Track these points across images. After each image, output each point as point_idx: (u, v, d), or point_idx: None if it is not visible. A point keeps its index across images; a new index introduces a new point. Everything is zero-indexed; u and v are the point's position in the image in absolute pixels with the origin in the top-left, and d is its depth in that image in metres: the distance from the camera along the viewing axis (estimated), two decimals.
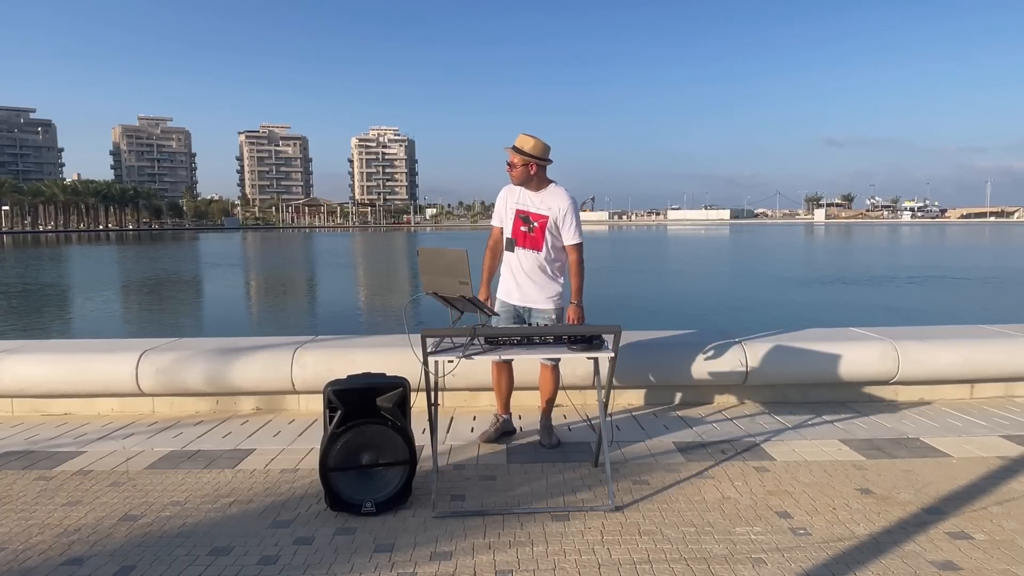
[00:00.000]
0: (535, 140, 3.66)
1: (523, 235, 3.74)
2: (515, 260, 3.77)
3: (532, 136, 3.66)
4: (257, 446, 3.90)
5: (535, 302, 3.76)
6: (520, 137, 3.67)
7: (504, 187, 3.84)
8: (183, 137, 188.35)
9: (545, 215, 3.71)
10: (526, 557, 2.57)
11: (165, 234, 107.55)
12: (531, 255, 3.73)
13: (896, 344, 4.60)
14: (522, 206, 3.75)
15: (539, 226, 3.72)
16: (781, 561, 2.52)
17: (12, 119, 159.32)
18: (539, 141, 3.66)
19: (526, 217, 3.73)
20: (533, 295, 3.75)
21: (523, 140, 3.66)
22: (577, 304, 3.74)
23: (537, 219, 3.73)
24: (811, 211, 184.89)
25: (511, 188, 3.80)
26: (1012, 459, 3.55)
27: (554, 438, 3.85)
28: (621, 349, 3.07)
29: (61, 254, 47.59)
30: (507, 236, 3.79)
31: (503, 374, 3.96)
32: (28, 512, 3.02)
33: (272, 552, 2.63)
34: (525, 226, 3.74)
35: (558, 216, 3.71)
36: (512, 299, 3.77)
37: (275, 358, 4.53)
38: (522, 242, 3.74)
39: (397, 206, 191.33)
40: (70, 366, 4.57)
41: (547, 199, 3.72)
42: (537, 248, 3.73)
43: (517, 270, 3.76)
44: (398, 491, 3.00)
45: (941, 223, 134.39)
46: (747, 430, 4.09)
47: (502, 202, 3.84)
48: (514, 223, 3.76)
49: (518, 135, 3.69)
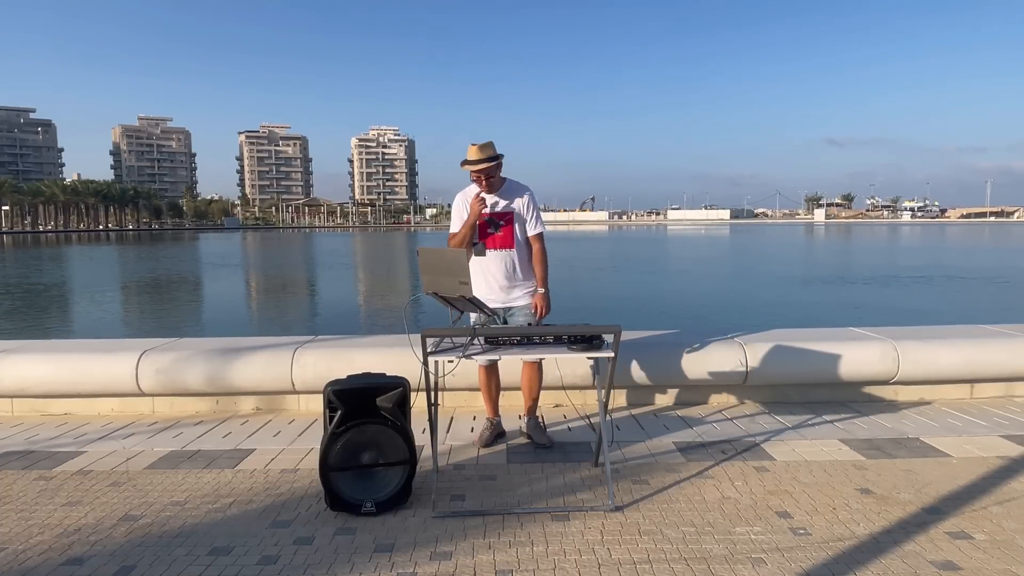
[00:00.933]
0: (490, 143, 3.66)
1: (491, 237, 3.75)
2: (489, 264, 3.75)
3: (485, 143, 3.65)
4: (257, 446, 3.90)
5: (516, 300, 3.77)
6: (481, 147, 3.62)
7: (459, 194, 3.83)
8: (183, 137, 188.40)
9: (509, 211, 3.75)
10: (526, 557, 2.57)
11: (165, 234, 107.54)
12: (505, 254, 3.74)
13: (896, 344, 4.60)
14: (483, 210, 3.73)
15: (506, 224, 3.74)
16: (781, 561, 2.52)
17: (12, 119, 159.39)
18: (491, 143, 3.67)
19: (490, 219, 3.74)
20: (514, 294, 3.77)
21: (485, 149, 3.62)
22: (543, 292, 3.77)
23: (502, 217, 3.74)
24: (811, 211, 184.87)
25: (467, 193, 3.78)
26: (1012, 459, 3.55)
27: (547, 436, 3.86)
28: (621, 349, 3.07)
29: (61, 254, 47.59)
30: (475, 242, 3.76)
31: (492, 378, 3.95)
32: (28, 512, 3.02)
33: (272, 552, 2.63)
34: (491, 228, 3.75)
35: (522, 209, 3.76)
36: (493, 304, 3.74)
37: (275, 358, 4.53)
38: (492, 244, 3.75)
39: (397, 206, 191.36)
40: (70, 366, 4.57)
41: (507, 195, 3.75)
42: (509, 246, 3.74)
43: (496, 273, 3.75)
44: (398, 491, 3.00)
45: (941, 223, 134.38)
46: (747, 430, 4.09)
47: (461, 208, 3.79)
48: (479, 228, 3.74)
49: (471, 148, 3.63)
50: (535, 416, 3.95)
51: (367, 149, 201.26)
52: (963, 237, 63.16)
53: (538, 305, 3.76)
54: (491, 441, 3.85)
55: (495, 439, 3.89)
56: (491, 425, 3.93)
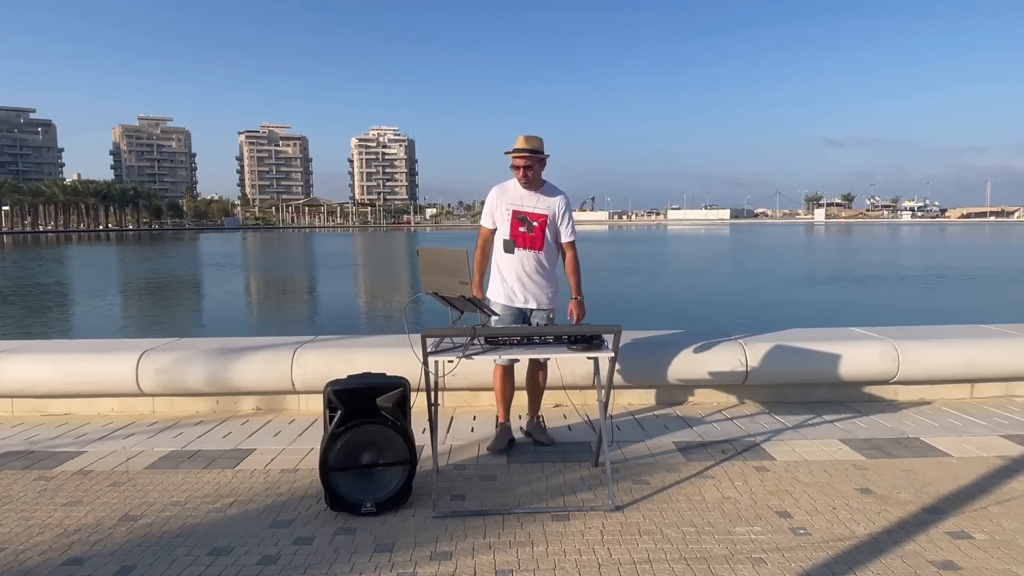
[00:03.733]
0: (538, 138, 3.66)
1: (522, 236, 3.70)
2: (516, 262, 3.71)
3: (534, 135, 3.66)
4: (257, 446, 3.90)
5: (539, 302, 3.74)
6: (528, 138, 3.64)
7: (495, 187, 3.79)
8: (183, 137, 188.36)
9: (544, 214, 3.70)
10: (526, 557, 2.57)
11: (165, 234, 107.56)
12: (532, 255, 3.71)
13: (896, 344, 4.60)
14: (518, 207, 3.70)
15: (539, 226, 3.70)
16: (781, 561, 2.52)
17: (12, 119, 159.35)
18: (540, 138, 3.67)
19: (523, 218, 3.70)
20: (538, 295, 3.73)
21: (532, 140, 3.64)
22: (578, 299, 3.77)
23: (536, 219, 3.70)
24: (811, 211, 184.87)
25: (504, 189, 3.76)
26: (1012, 459, 3.55)
27: (548, 435, 3.87)
28: (621, 349, 3.08)
29: (61, 254, 47.60)
30: (504, 238, 3.72)
31: (508, 381, 3.87)
32: (28, 512, 3.02)
33: (272, 552, 2.63)
34: (523, 227, 3.70)
35: (557, 214, 3.72)
36: (516, 302, 3.72)
37: (275, 358, 4.53)
38: (522, 243, 3.70)
39: (397, 206, 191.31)
40: (70, 366, 4.57)
41: (544, 198, 3.71)
42: (538, 248, 3.70)
43: (520, 272, 3.71)
44: (398, 491, 3.00)
45: (941, 223, 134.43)
46: (747, 430, 4.09)
47: (495, 203, 3.76)
48: (511, 224, 3.70)
49: (519, 138, 3.65)
50: (538, 416, 3.94)
51: (367, 149, 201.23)
52: (963, 237, 63.16)
53: (574, 312, 3.75)
54: (504, 446, 3.74)
55: (509, 445, 3.77)
56: (504, 430, 3.83)
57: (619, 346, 3.06)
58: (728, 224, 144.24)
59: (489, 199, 3.80)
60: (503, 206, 3.73)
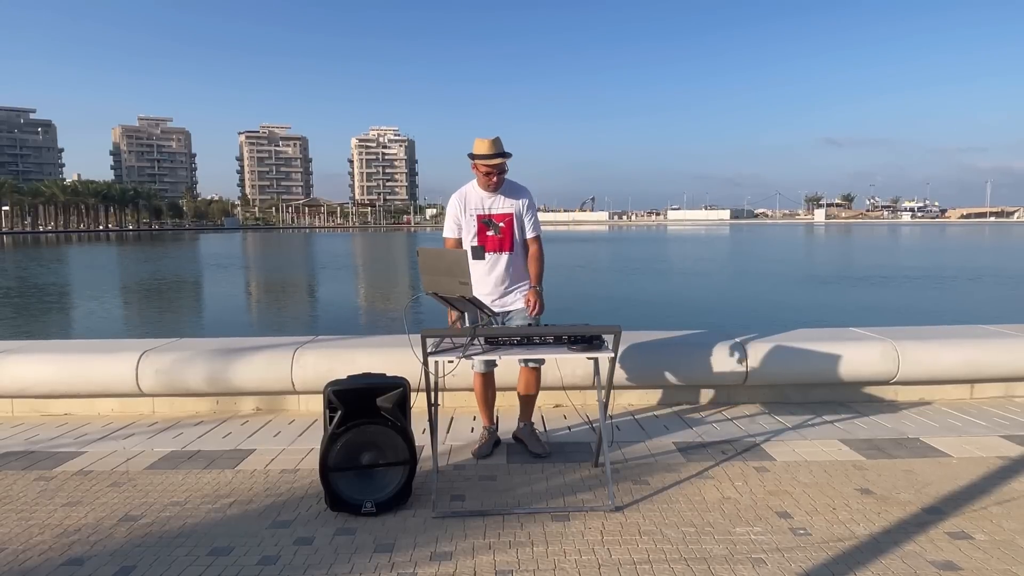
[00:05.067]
0: (499, 139, 3.51)
1: (490, 239, 3.59)
2: (486, 267, 3.61)
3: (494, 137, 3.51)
4: (257, 446, 3.90)
5: (514, 303, 3.67)
6: (490, 142, 3.48)
7: (454, 196, 3.66)
8: (183, 137, 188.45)
9: (509, 212, 3.61)
10: (526, 557, 2.57)
11: (165, 234, 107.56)
12: (503, 258, 3.61)
13: (896, 344, 4.60)
14: (482, 210, 3.60)
15: (505, 226, 3.60)
16: (781, 561, 2.52)
17: (12, 119, 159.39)
18: (498, 138, 3.52)
19: (488, 220, 3.60)
20: (511, 298, 3.66)
21: (497, 144, 3.48)
22: (536, 289, 3.62)
23: (502, 219, 3.60)
24: (811, 211, 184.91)
25: (464, 194, 3.64)
26: (1012, 459, 3.55)
27: (545, 445, 3.73)
28: (621, 349, 3.07)
29: (61, 254, 47.59)
30: (472, 245, 3.60)
31: (489, 386, 3.82)
32: (28, 512, 3.02)
33: (272, 552, 2.63)
34: (490, 230, 3.60)
35: (521, 210, 3.64)
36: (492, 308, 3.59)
37: (275, 358, 4.53)
38: (490, 247, 3.60)
39: (397, 206, 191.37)
40: (70, 366, 4.57)
41: (507, 196, 3.62)
42: (508, 249, 3.61)
43: (492, 277, 3.62)
44: (398, 491, 3.00)
45: (941, 223, 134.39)
46: (747, 430, 4.09)
47: (458, 210, 3.63)
48: (477, 230, 3.60)
49: (483, 143, 3.48)
50: (531, 423, 3.84)
51: (367, 149, 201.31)
52: (963, 237, 63.14)
53: (530, 300, 3.57)
54: (490, 451, 3.73)
55: (494, 448, 3.78)
56: (488, 434, 3.80)
57: (619, 346, 3.06)
58: (728, 224, 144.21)
59: (451, 208, 3.67)
60: (468, 212, 3.61)
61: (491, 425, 3.85)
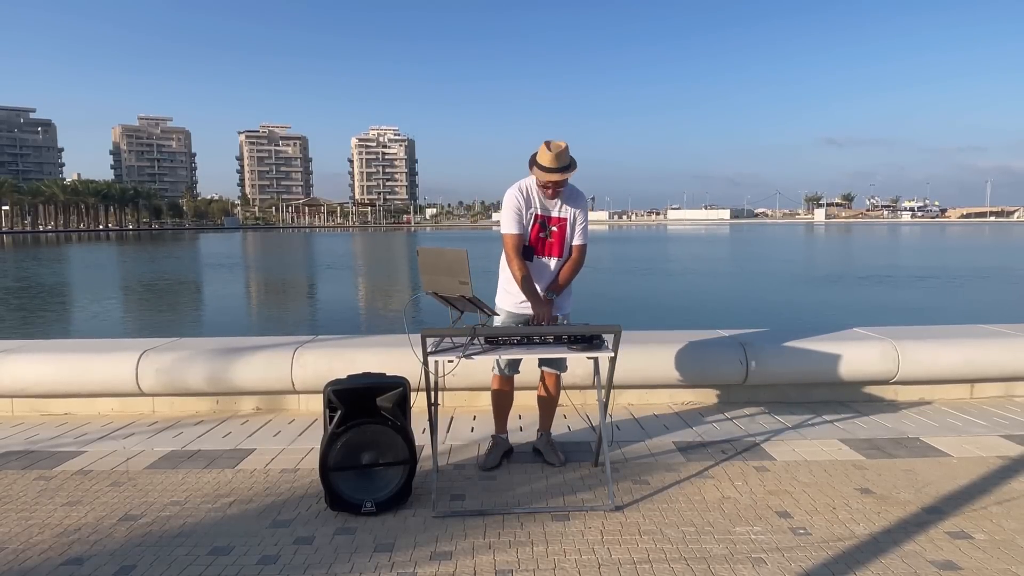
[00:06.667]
0: (566, 150, 3.28)
1: (541, 241, 3.44)
2: (535, 270, 3.43)
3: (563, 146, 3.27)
4: (257, 446, 3.90)
5: (560, 309, 3.52)
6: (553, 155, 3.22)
7: (515, 190, 3.41)
8: (183, 137, 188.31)
9: (564, 217, 3.45)
10: (526, 557, 2.57)
11: (165, 234, 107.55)
12: (553, 262, 3.48)
13: (896, 344, 4.60)
14: (542, 211, 3.43)
15: (558, 230, 3.44)
16: (781, 561, 2.52)
17: (12, 119, 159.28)
18: (567, 146, 3.30)
19: (544, 222, 3.43)
20: (558, 303, 3.51)
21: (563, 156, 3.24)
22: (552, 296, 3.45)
23: (556, 223, 3.44)
24: (811, 211, 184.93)
25: (528, 190, 3.40)
26: (1012, 459, 3.55)
27: (561, 455, 3.59)
28: (621, 349, 3.07)
29: (61, 254, 47.58)
30: (524, 244, 3.42)
31: (508, 391, 3.65)
32: (28, 512, 3.02)
33: (272, 552, 2.63)
34: (543, 232, 3.44)
35: (576, 217, 3.48)
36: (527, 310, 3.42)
37: (275, 358, 4.53)
38: (541, 250, 3.45)
39: (397, 206, 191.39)
40: (70, 366, 4.57)
41: (566, 200, 3.44)
42: (558, 255, 3.47)
43: (541, 280, 3.44)
44: (398, 491, 3.00)
45: (941, 223, 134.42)
46: (747, 430, 4.09)
47: (522, 206, 3.38)
48: (532, 230, 3.42)
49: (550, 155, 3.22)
50: (549, 432, 3.73)
51: (367, 149, 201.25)
52: (963, 237, 63.14)
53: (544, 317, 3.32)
54: (498, 462, 3.53)
55: (502, 459, 3.58)
56: (498, 443, 3.62)
57: (619, 346, 3.06)
58: (728, 224, 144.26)
59: (512, 203, 3.38)
60: (529, 210, 3.41)
61: (503, 433, 3.68)
